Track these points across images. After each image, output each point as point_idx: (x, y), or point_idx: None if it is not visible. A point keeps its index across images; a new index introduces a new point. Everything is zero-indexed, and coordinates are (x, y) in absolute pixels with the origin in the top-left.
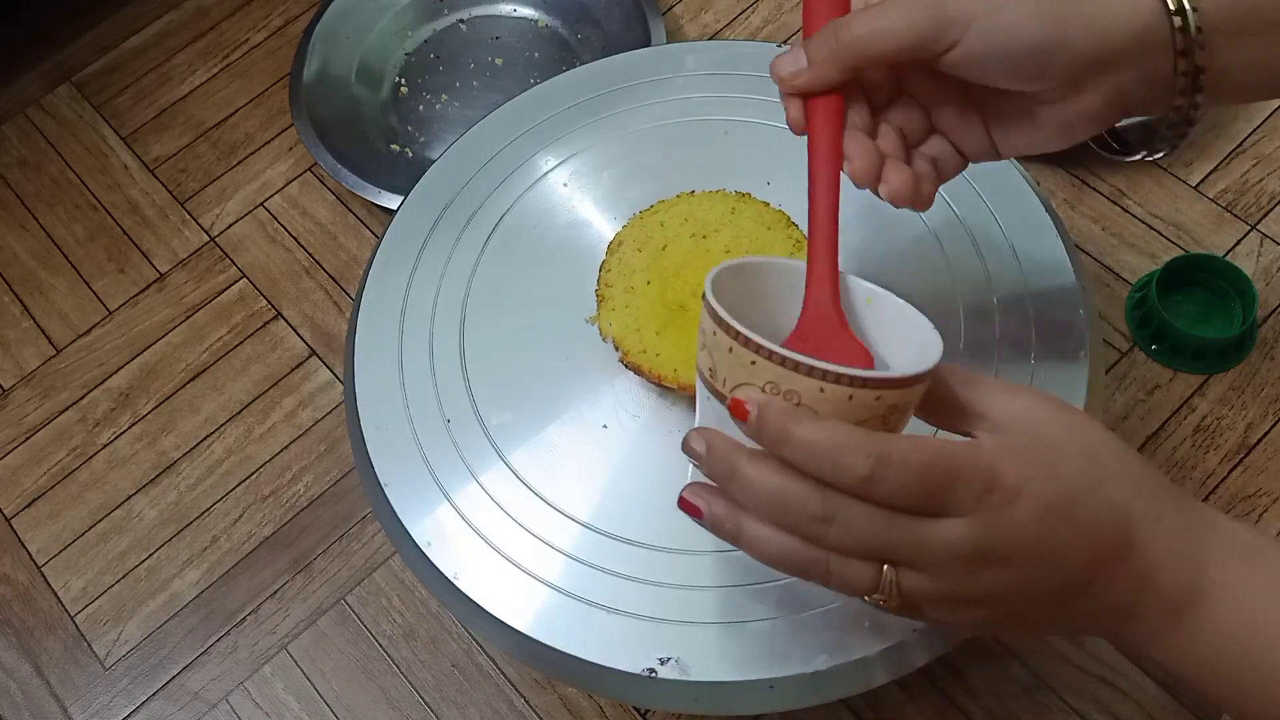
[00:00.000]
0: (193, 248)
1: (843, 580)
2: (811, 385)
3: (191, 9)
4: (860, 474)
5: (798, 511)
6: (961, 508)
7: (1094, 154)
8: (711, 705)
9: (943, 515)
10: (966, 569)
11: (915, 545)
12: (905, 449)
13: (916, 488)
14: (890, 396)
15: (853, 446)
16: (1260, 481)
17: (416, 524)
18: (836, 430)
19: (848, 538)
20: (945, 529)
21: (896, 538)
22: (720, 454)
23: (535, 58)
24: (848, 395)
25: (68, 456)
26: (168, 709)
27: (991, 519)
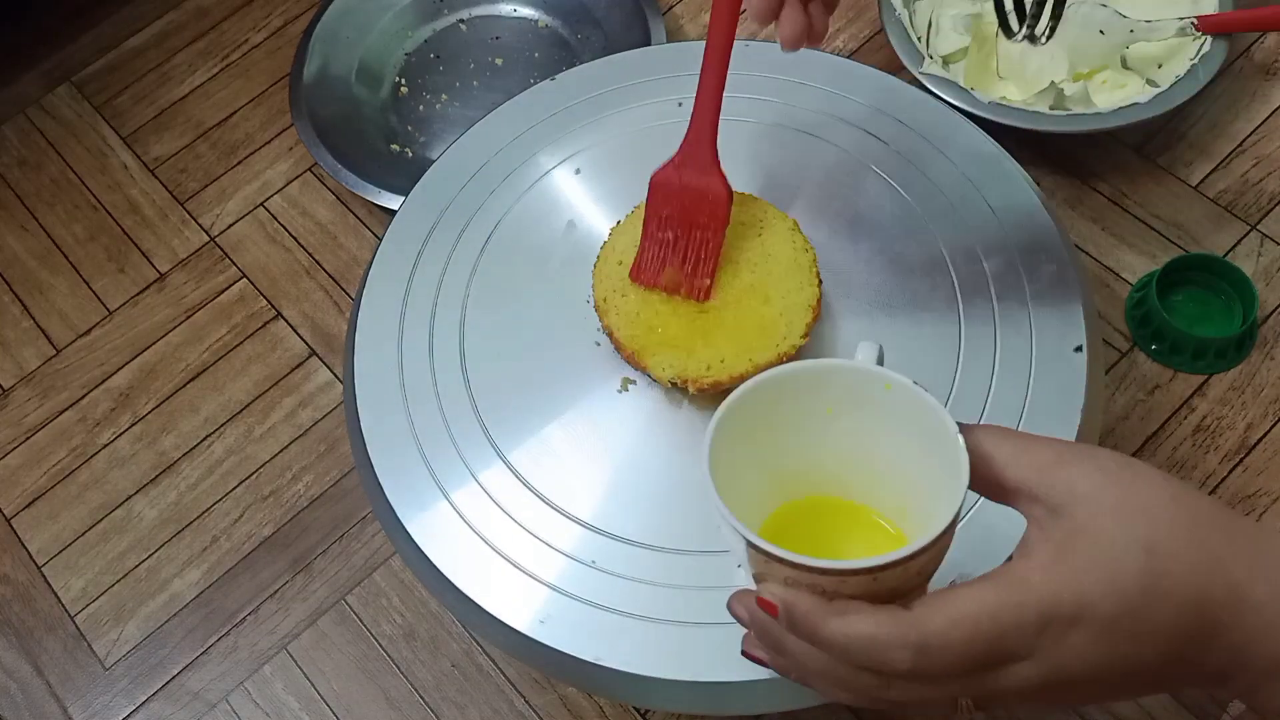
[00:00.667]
0: (193, 248)
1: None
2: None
3: (191, 9)
4: (904, 669)
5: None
6: (1019, 655)
7: (1094, 154)
8: (711, 705)
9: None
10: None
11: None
12: (942, 630)
13: (965, 661)
14: (915, 564)
15: (888, 642)
16: (1260, 481)
17: (416, 524)
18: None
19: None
20: (1009, 676)
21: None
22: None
23: (535, 58)
24: (871, 579)
25: (68, 456)
26: (168, 709)
27: (1053, 654)
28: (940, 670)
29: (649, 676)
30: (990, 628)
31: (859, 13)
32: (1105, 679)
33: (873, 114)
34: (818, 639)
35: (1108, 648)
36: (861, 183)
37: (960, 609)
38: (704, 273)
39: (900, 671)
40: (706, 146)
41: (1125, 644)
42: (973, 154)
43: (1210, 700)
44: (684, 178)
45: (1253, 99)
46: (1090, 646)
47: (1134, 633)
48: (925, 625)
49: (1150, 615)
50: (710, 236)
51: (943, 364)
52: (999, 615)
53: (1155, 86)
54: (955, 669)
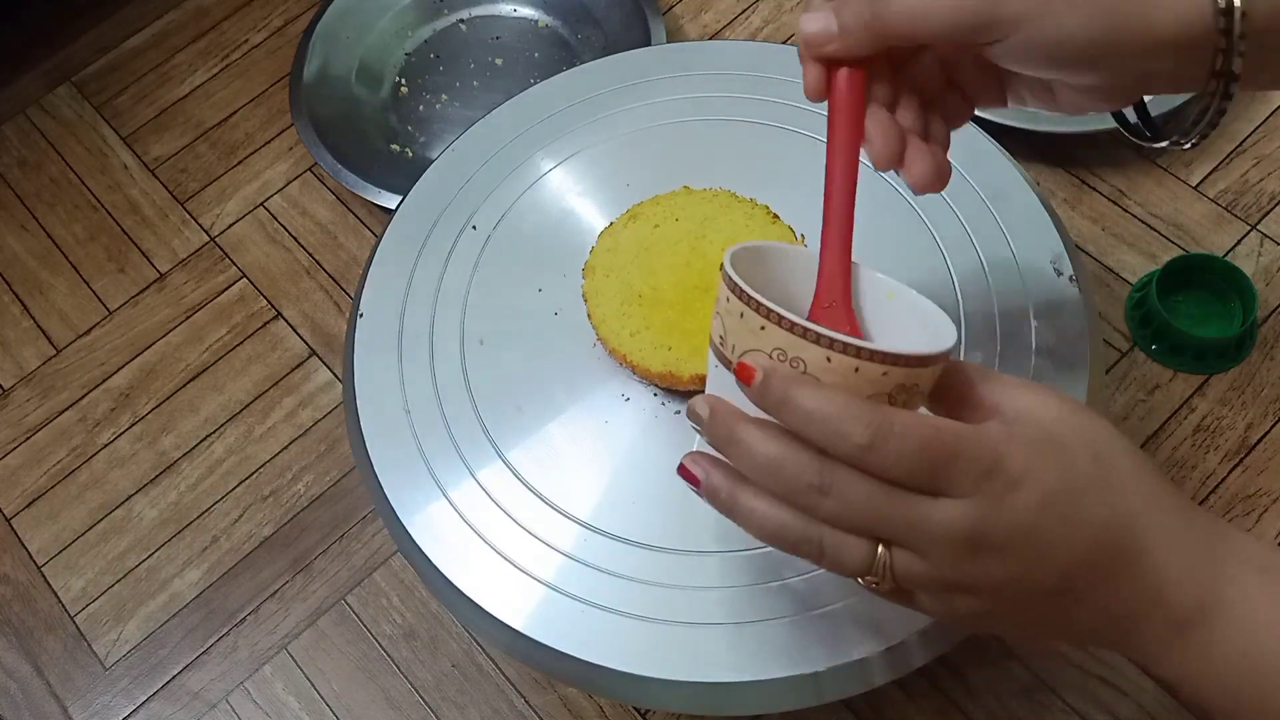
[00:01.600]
0: (193, 248)
1: (835, 558)
2: (818, 354)
3: (191, 9)
4: (859, 441)
5: (795, 480)
6: (961, 488)
7: (1094, 154)
8: (711, 705)
9: (941, 494)
10: (961, 552)
11: (911, 522)
12: (906, 421)
13: (916, 461)
14: (897, 374)
15: (853, 414)
16: (1260, 481)
17: (416, 524)
18: (838, 398)
19: (843, 509)
20: (943, 508)
21: (892, 513)
22: (722, 418)
23: (535, 58)
24: (854, 367)
25: (68, 456)
26: (168, 709)
27: (990, 503)
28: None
29: (649, 676)
30: (948, 443)
31: None
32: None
33: None
34: (787, 402)
35: (1040, 516)
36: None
37: (927, 419)
38: None
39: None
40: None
41: (1055, 521)
42: (973, 154)
43: None
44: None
45: (1253, 99)
46: (1024, 509)
47: (1068, 514)
48: (892, 414)
49: (1088, 504)
50: None
51: None
52: (959, 439)
53: None
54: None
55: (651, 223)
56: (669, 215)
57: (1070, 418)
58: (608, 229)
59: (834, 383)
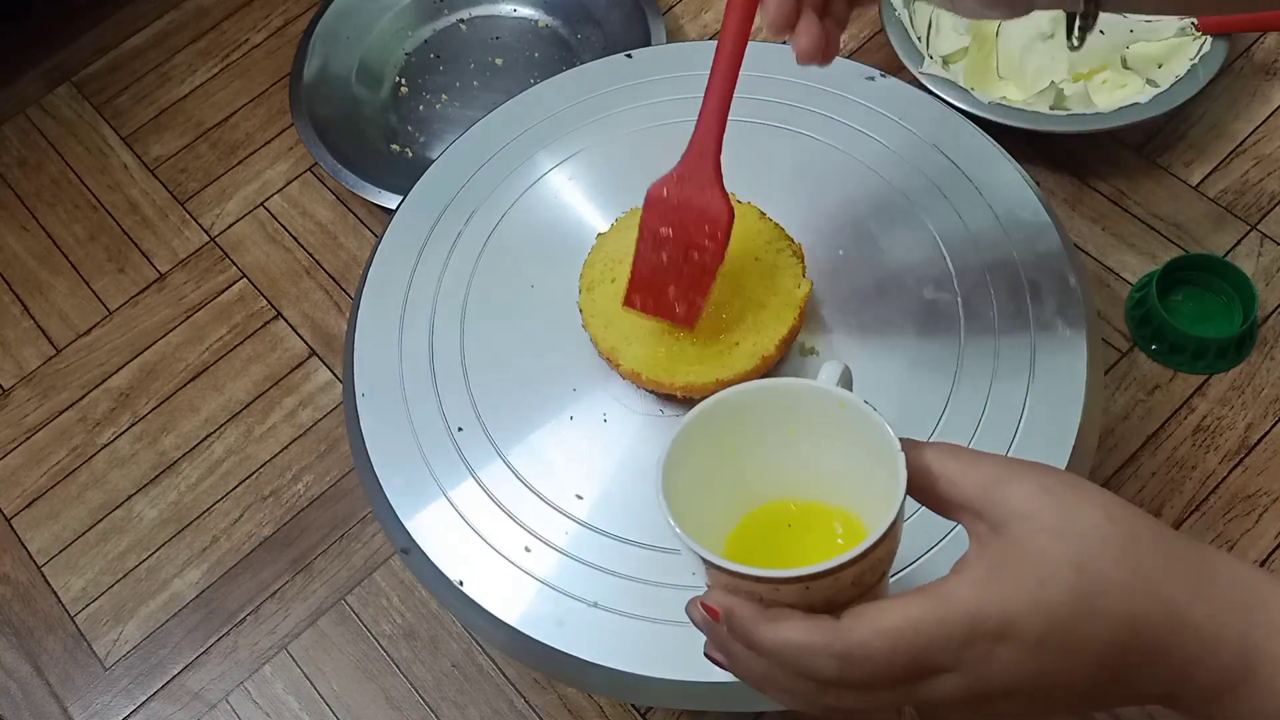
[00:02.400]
0: (193, 248)
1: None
2: (768, 589)
3: (191, 9)
4: (830, 675)
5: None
6: (944, 666)
7: (1094, 154)
8: (711, 705)
9: (931, 676)
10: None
11: (915, 702)
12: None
13: (889, 671)
14: (848, 573)
15: (814, 649)
16: (1260, 481)
17: (416, 524)
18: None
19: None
20: (936, 686)
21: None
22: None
23: (535, 58)
24: (804, 587)
25: (68, 456)
26: (168, 709)
27: (979, 668)
28: (865, 679)
29: (649, 676)
30: (913, 640)
31: (859, 12)
32: (1037, 693)
33: (872, 114)
34: (752, 644)
35: (1035, 664)
36: (860, 183)
37: (885, 620)
38: (694, 300)
39: (828, 679)
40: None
41: (1055, 661)
42: (973, 154)
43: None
44: (684, 193)
45: (1253, 99)
46: (1017, 662)
47: (1064, 650)
48: (849, 635)
49: (1080, 633)
50: (708, 260)
51: (942, 365)
52: (922, 628)
53: (1155, 86)
54: (879, 679)
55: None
56: None
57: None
58: (603, 234)
59: (794, 601)
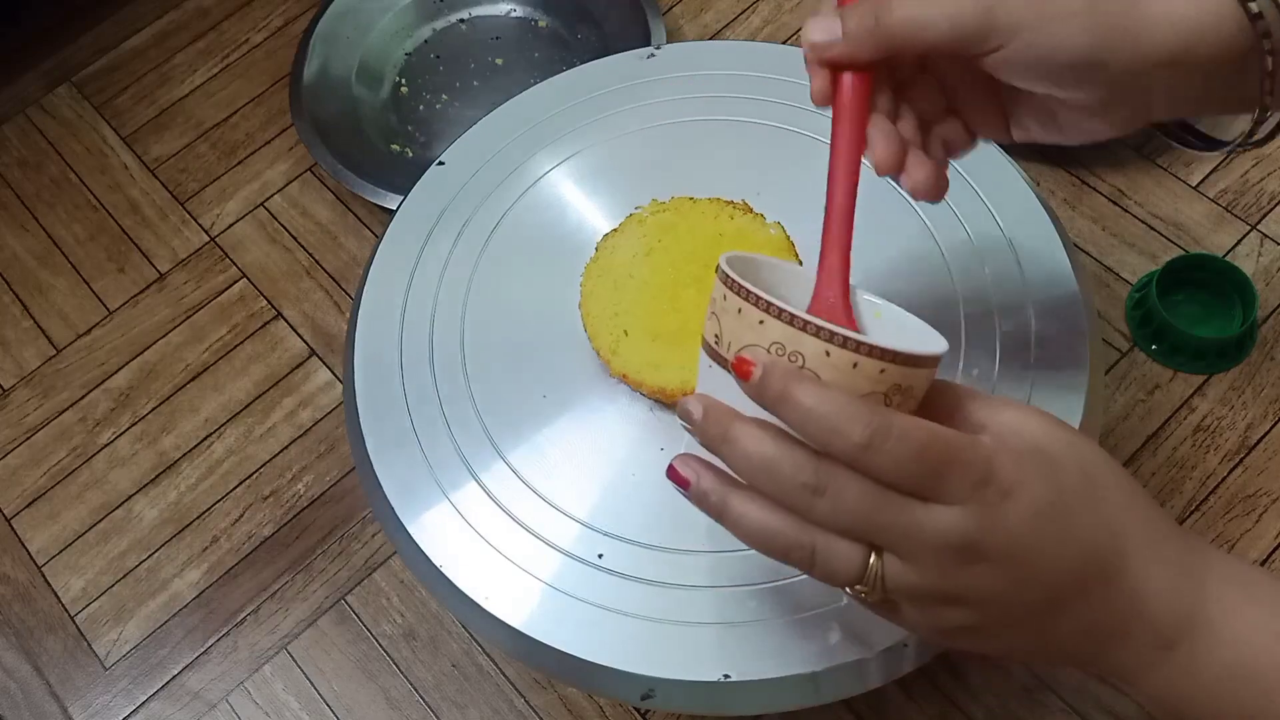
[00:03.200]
0: (193, 248)
1: (827, 565)
2: (818, 348)
3: (191, 9)
4: (857, 440)
5: (789, 480)
6: (954, 495)
7: (1094, 154)
8: (711, 705)
9: (935, 501)
10: (953, 560)
11: (905, 527)
12: (905, 423)
13: (912, 465)
14: (893, 373)
15: (852, 413)
16: (1260, 481)
17: (416, 524)
18: (837, 395)
19: (837, 511)
20: (936, 515)
21: (887, 517)
22: (715, 416)
23: (535, 58)
24: (852, 363)
25: (68, 456)
26: (168, 709)
27: (983, 512)
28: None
29: (649, 676)
30: (945, 448)
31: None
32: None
33: None
34: (786, 397)
35: (1032, 528)
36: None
37: (924, 423)
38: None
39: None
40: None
41: (1047, 533)
42: (973, 154)
43: None
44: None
45: None
46: (1017, 520)
47: (1059, 526)
48: (891, 415)
49: (1078, 517)
50: None
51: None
52: (956, 445)
53: None
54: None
55: (648, 233)
56: (666, 227)
57: (1057, 434)
58: (604, 240)
59: (832, 379)
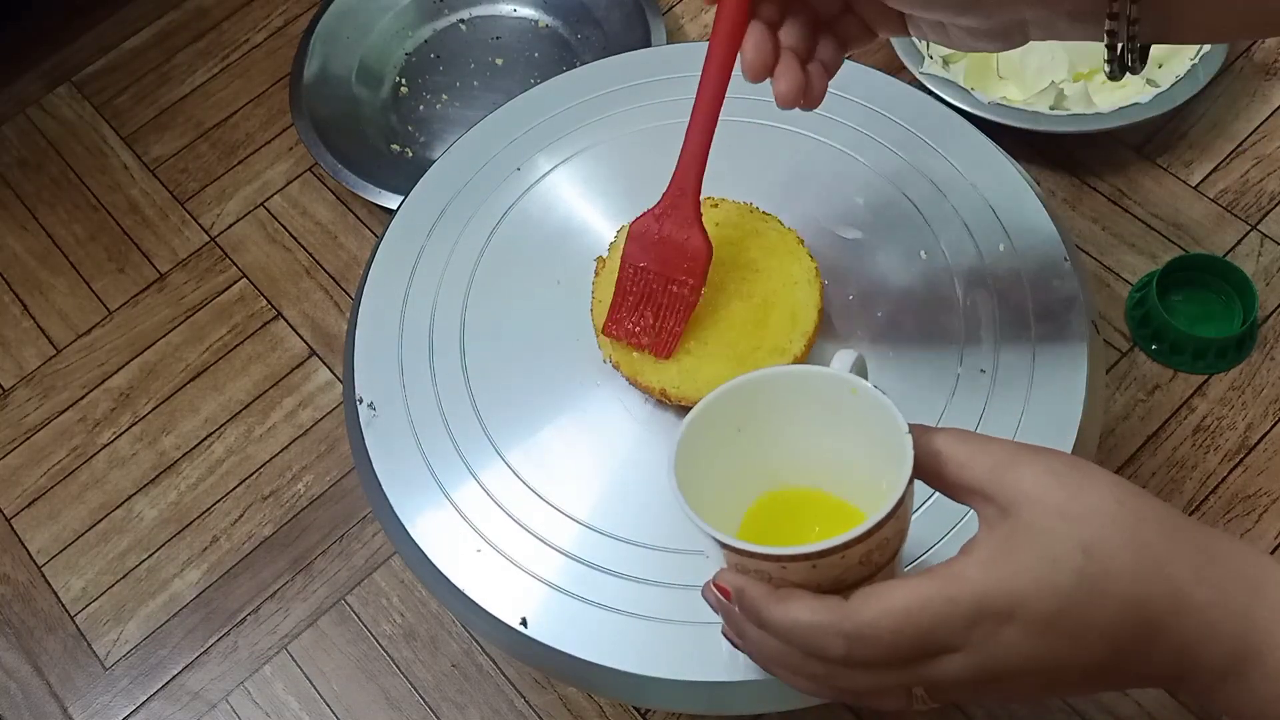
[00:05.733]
0: (193, 248)
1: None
2: (775, 566)
3: (191, 9)
4: (837, 655)
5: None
6: (951, 646)
7: (1094, 154)
8: (711, 705)
9: (938, 656)
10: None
11: (922, 682)
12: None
13: (895, 651)
14: (854, 552)
15: (822, 629)
16: (1260, 481)
17: (416, 524)
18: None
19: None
20: (943, 666)
21: (901, 681)
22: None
23: (535, 58)
24: (811, 565)
25: (68, 456)
26: (168, 709)
27: (985, 648)
28: (873, 658)
29: (649, 676)
30: (920, 619)
31: None
32: (1043, 673)
33: (872, 115)
34: (763, 623)
35: (1043, 644)
36: (860, 184)
37: (893, 600)
38: (673, 331)
39: (836, 658)
40: (691, 199)
41: (1061, 641)
42: (973, 154)
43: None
44: (664, 229)
45: (1253, 99)
46: (1024, 642)
47: (1071, 631)
48: (857, 615)
49: (1087, 614)
50: (686, 294)
51: (943, 365)
52: (929, 607)
53: (1155, 86)
54: (887, 658)
55: None
56: None
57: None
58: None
59: (801, 580)
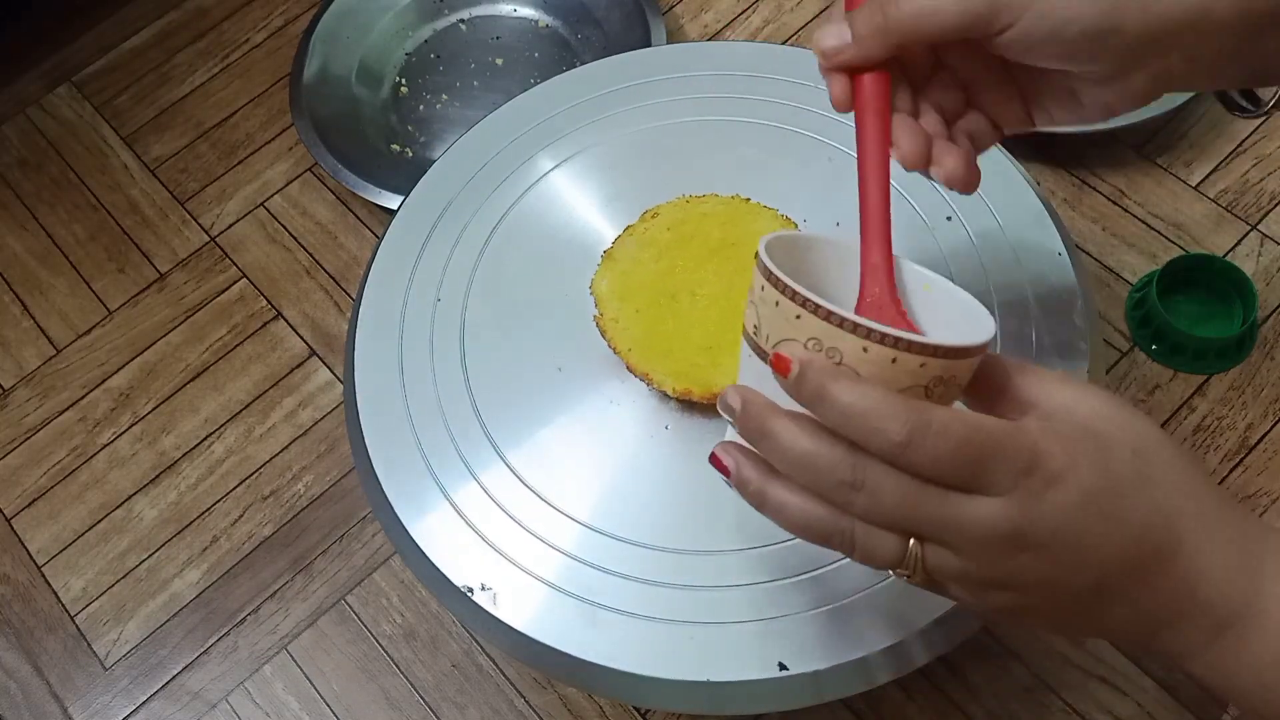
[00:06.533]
0: (193, 248)
1: (866, 551)
2: (855, 344)
3: (191, 9)
4: (895, 439)
5: (827, 475)
6: (999, 486)
7: (1094, 154)
8: (711, 705)
9: (978, 492)
10: (997, 552)
11: (945, 521)
12: (944, 418)
13: (952, 459)
14: (935, 366)
15: (890, 411)
16: (1260, 481)
17: (416, 524)
18: (875, 392)
19: (876, 507)
20: (979, 507)
21: (927, 511)
22: (754, 411)
23: (535, 58)
24: (891, 358)
25: (68, 456)
26: (168, 709)
27: (1029, 502)
28: (923, 462)
29: (649, 676)
30: (986, 440)
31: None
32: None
33: None
34: (823, 396)
35: (1079, 515)
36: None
37: (965, 415)
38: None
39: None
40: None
41: (1096, 522)
42: None
43: (1211, 700)
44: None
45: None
46: (1063, 507)
47: (1109, 512)
48: (929, 410)
49: (1129, 501)
50: None
51: None
52: (997, 436)
53: None
54: (939, 465)
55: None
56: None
57: (1110, 412)
58: (640, 219)
59: (871, 374)
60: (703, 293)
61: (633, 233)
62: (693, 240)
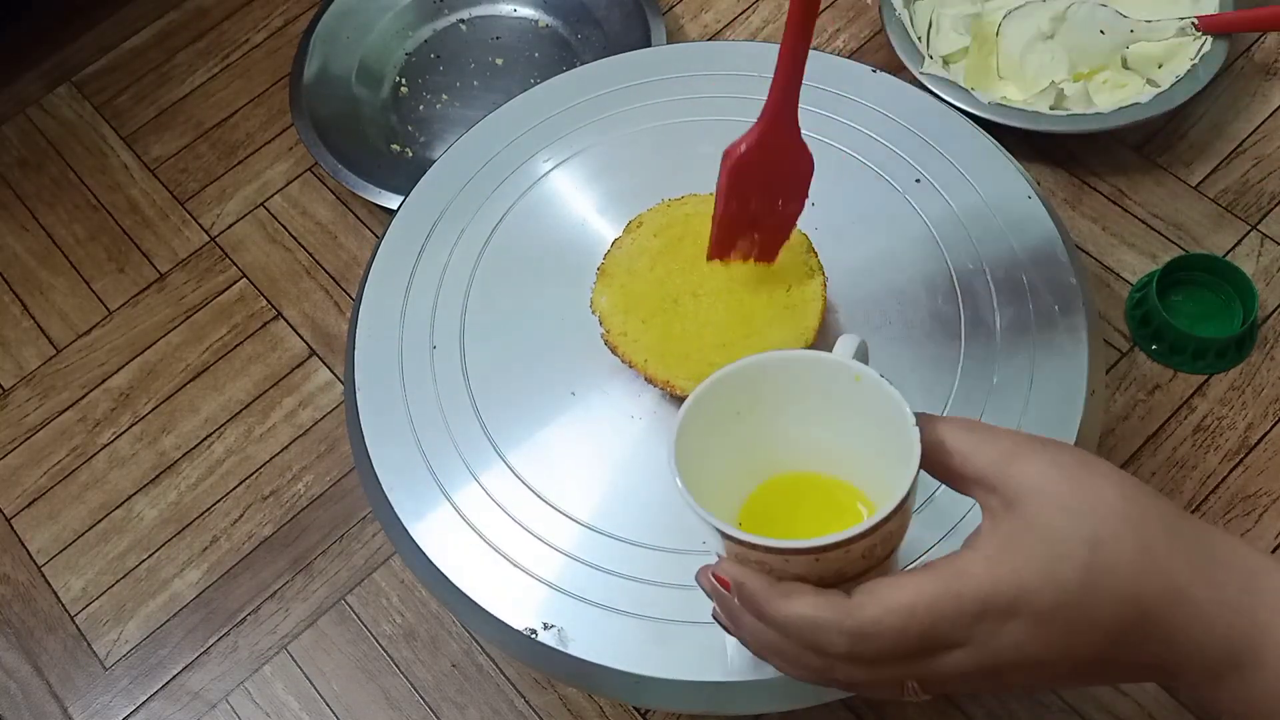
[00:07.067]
0: (193, 248)
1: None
2: (777, 559)
3: (191, 9)
4: (840, 650)
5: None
6: (954, 642)
7: (1094, 154)
8: (711, 705)
9: (940, 652)
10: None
11: (920, 676)
12: (876, 618)
13: (898, 646)
14: (858, 546)
15: (824, 625)
16: (1260, 481)
17: (416, 524)
18: (804, 609)
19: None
20: (944, 661)
21: (899, 675)
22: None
23: (535, 58)
24: (814, 559)
25: (68, 456)
26: (168, 709)
27: (990, 642)
28: (875, 655)
29: (649, 676)
30: (924, 616)
31: (859, 13)
32: (1041, 668)
33: (872, 114)
34: (763, 616)
35: (1044, 639)
36: (861, 183)
37: (897, 598)
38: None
39: (837, 654)
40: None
41: (1061, 636)
42: (973, 154)
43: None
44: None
45: (1253, 99)
46: (1026, 637)
47: (1071, 626)
48: (860, 612)
49: (1088, 610)
50: (794, 207)
51: (943, 366)
52: (934, 605)
53: (1155, 86)
54: (890, 654)
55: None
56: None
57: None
58: (625, 231)
59: (803, 573)
60: (704, 292)
61: (621, 245)
62: (682, 242)
